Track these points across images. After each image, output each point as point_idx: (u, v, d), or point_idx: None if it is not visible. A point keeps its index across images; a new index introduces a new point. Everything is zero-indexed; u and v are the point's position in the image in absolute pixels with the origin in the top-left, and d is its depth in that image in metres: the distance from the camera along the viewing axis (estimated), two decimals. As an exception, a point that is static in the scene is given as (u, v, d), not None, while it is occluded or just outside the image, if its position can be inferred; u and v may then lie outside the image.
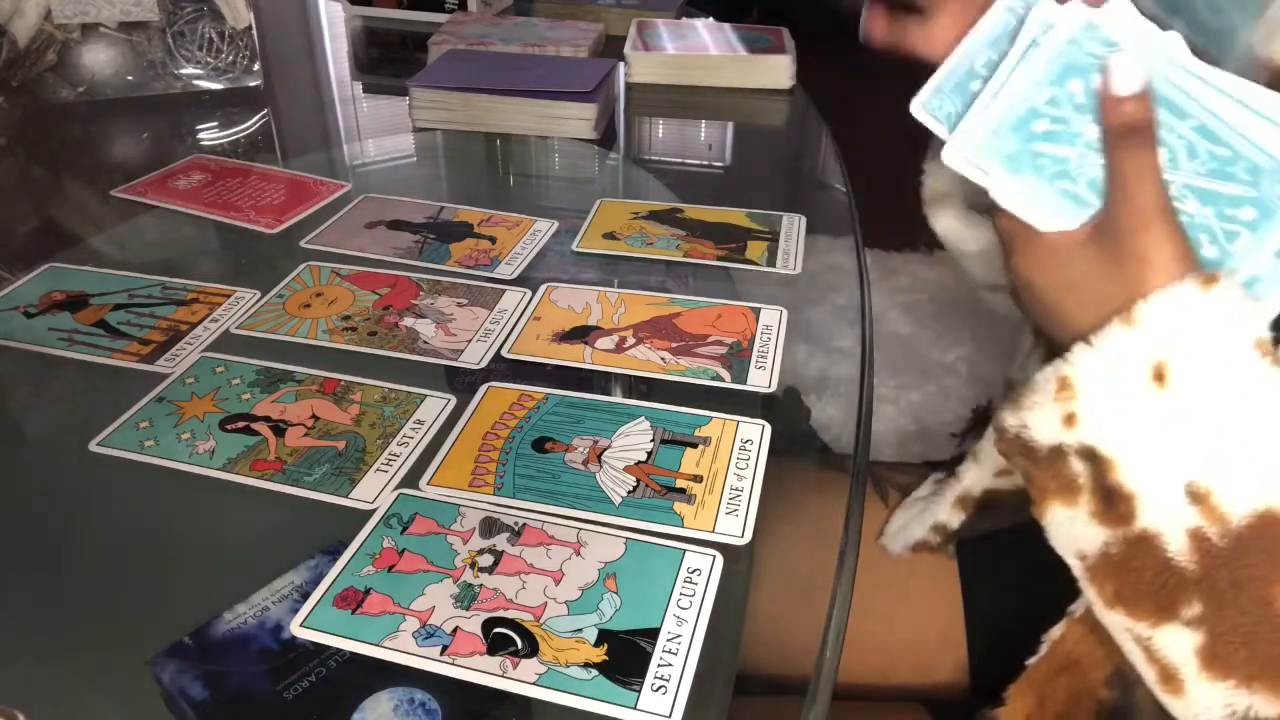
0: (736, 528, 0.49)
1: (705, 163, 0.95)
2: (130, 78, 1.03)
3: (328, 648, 0.43)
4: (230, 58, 1.06)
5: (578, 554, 0.48)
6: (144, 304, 0.68)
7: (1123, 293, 0.39)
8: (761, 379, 0.61)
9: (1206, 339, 0.38)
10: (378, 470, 0.53)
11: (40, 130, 0.99)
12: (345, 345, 0.64)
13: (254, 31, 1.06)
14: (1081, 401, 0.40)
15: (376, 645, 0.43)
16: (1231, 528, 0.38)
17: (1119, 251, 0.40)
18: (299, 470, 0.53)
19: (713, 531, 0.49)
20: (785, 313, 0.67)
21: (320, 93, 1.20)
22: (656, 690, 0.41)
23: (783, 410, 0.60)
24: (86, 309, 0.67)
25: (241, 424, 0.57)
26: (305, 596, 0.45)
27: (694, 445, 0.55)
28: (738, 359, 0.62)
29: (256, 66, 1.07)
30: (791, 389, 0.62)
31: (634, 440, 0.56)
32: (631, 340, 0.64)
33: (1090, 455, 0.40)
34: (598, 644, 0.43)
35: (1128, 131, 0.40)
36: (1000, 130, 0.42)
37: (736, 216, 0.81)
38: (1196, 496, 0.38)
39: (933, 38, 0.51)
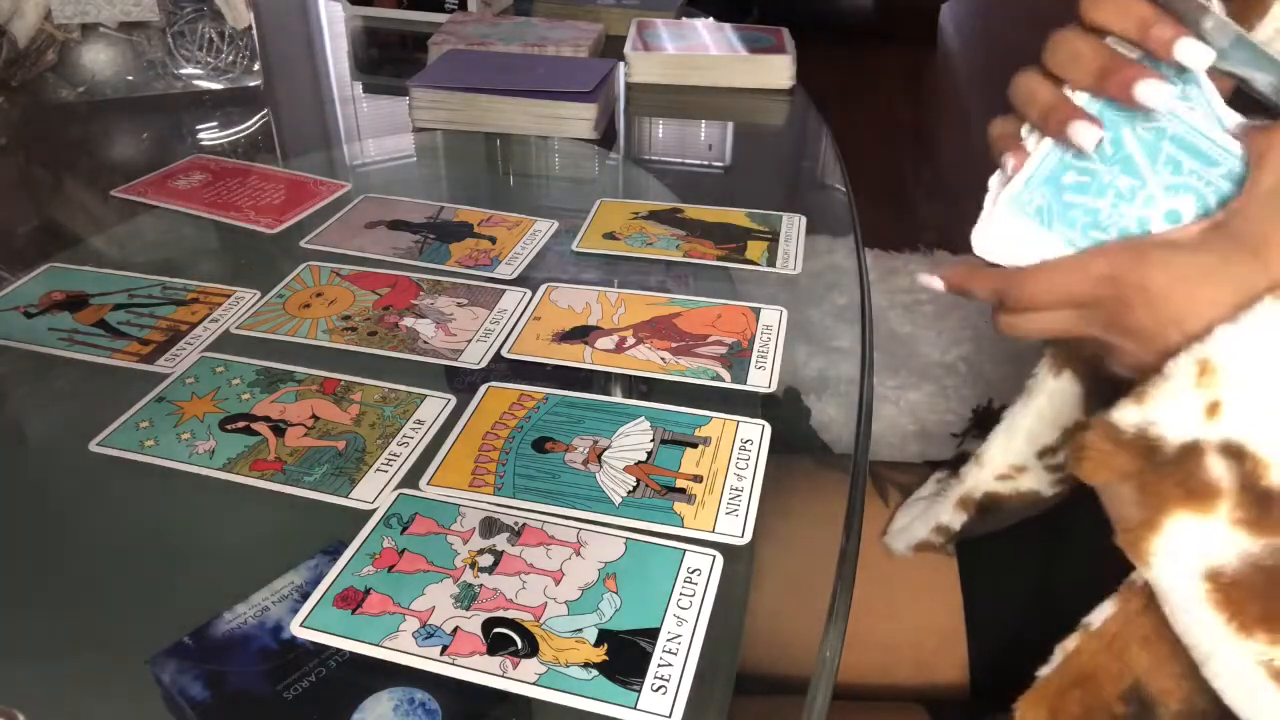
0: (736, 528, 0.49)
1: (705, 163, 0.95)
2: (130, 78, 1.03)
3: (328, 648, 0.43)
4: (230, 58, 1.06)
5: (578, 554, 0.48)
6: (144, 304, 0.68)
7: (1264, 281, 0.36)
8: (761, 379, 0.61)
9: None
10: (378, 470, 0.53)
11: (40, 130, 0.99)
12: (345, 345, 0.64)
13: (254, 31, 1.06)
14: (1227, 388, 0.36)
15: (376, 645, 0.43)
16: None
17: (1257, 241, 0.37)
18: (299, 470, 0.53)
19: (713, 531, 0.49)
20: (785, 313, 0.67)
21: (320, 93, 1.20)
22: (656, 690, 0.41)
23: (783, 410, 0.60)
24: (86, 309, 0.67)
25: (241, 424, 0.57)
26: (305, 596, 0.45)
27: (694, 445, 0.55)
28: (738, 359, 0.62)
29: (256, 66, 1.07)
30: (791, 389, 0.62)
31: (634, 440, 0.56)
32: (631, 340, 0.64)
33: (1238, 453, 0.36)
34: (598, 644, 0.43)
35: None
36: (1033, 183, 0.42)
37: (737, 216, 0.81)
38: None
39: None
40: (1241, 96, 0.44)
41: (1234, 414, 0.36)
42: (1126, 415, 0.38)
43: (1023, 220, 0.42)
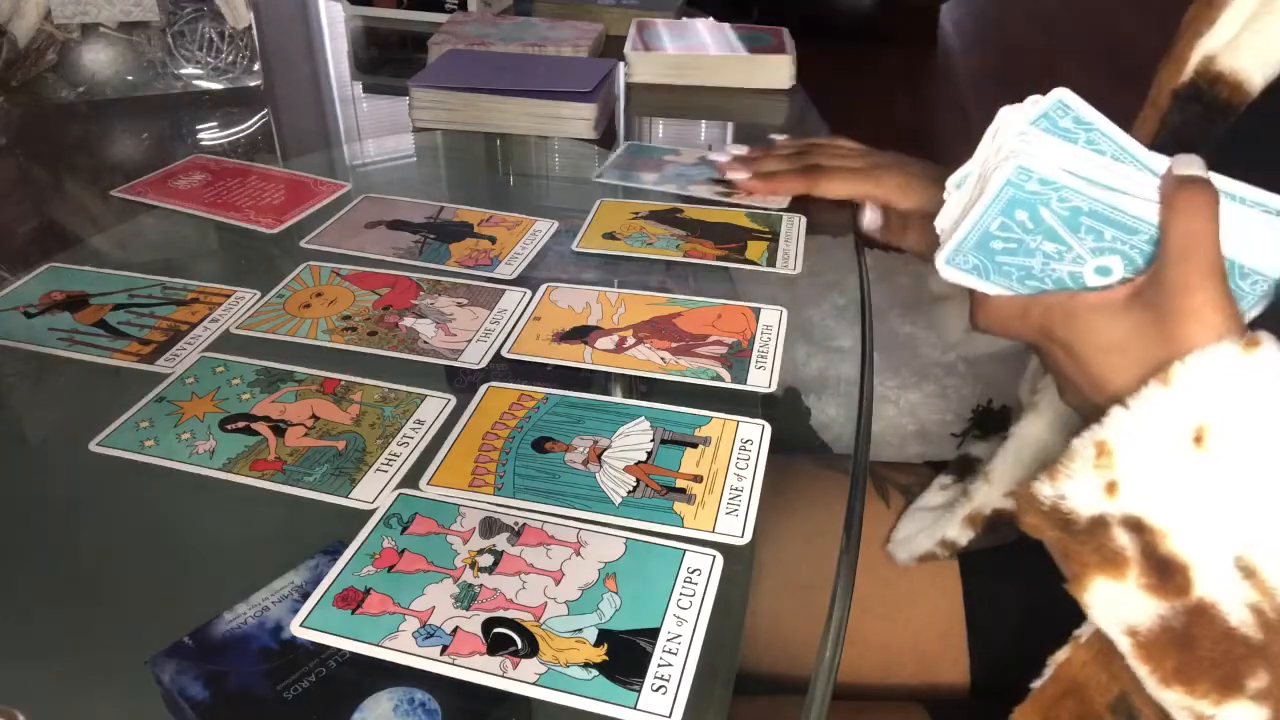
0: (736, 528, 0.49)
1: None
2: (130, 78, 1.03)
3: (328, 648, 0.43)
4: (230, 58, 1.06)
5: (578, 554, 0.48)
6: (144, 304, 0.68)
7: (1166, 354, 0.38)
8: (761, 379, 0.61)
9: (1247, 402, 0.37)
10: (378, 470, 0.53)
11: (40, 130, 0.99)
12: (345, 345, 0.64)
13: (254, 31, 1.06)
14: (1122, 468, 0.38)
15: (376, 645, 0.43)
16: None
17: (1164, 312, 0.39)
18: (299, 470, 0.53)
19: (713, 531, 0.49)
20: (785, 313, 0.67)
21: (320, 93, 1.20)
22: (656, 690, 0.41)
23: (783, 410, 0.60)
24: (86, 309, 0.67)
25: (241, 424, 0.57)
26: (305, 596, 0.45)
27: (694, 445, 0.55)
28: (738, 359, 0.62)
29: (256, 66, 1.07)
30: (791, 389, 0.63)
31: (634, 440, 0.56)
32: (631, 340, 0.64)
33: (1136, 525, 0.39)
34: (598, 644, 0.43)
35: (1189, 196, 0.39)
36: (964, 249, 0.44)
37: (736, 216, 0.81)
38: (1247, 571, 0.36)
39: None
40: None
41: (1130, 492, 0.38)
42: (1042, 489, 0.41)
43: (962, 274, 0.45)
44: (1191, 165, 0.39)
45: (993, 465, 0.61)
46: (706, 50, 1.13)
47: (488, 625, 0.44)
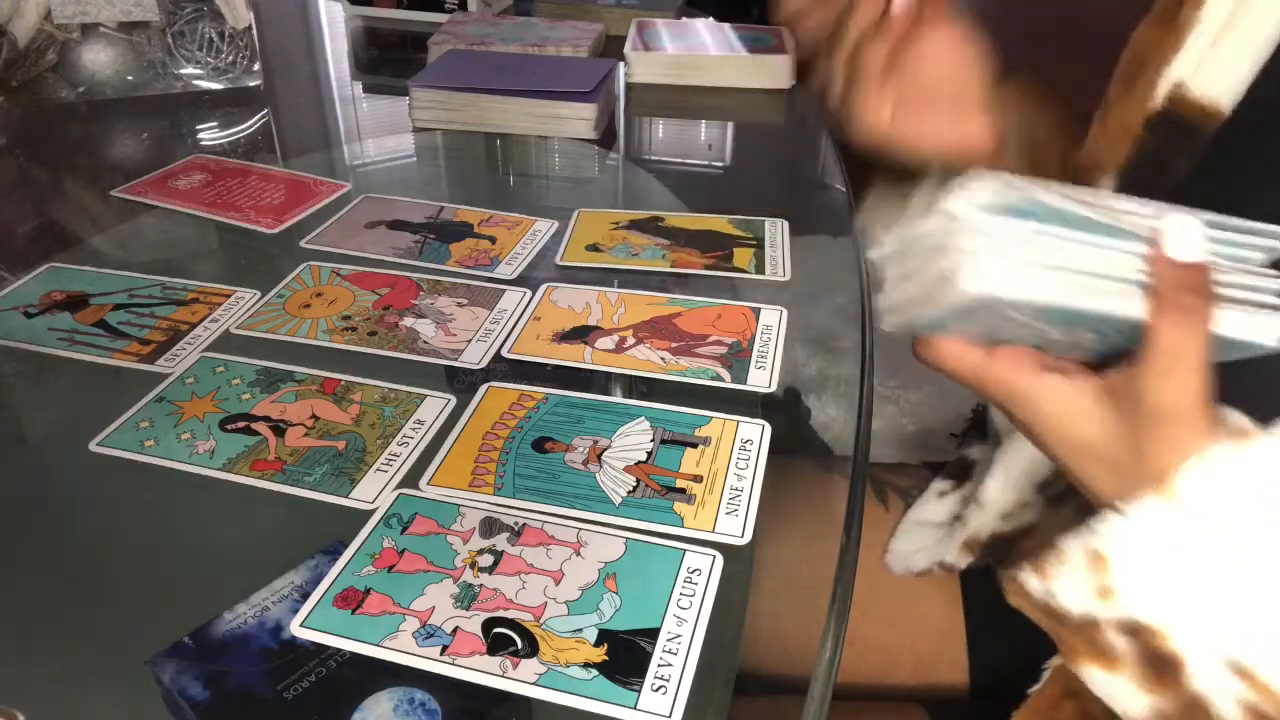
0: (736, 528, 0.49)
1: (705, 163, 0.95)
2: (130, 78, 1.03)
3: (328, 648, 0.43)
4: (230, 58, 1.06)
5: (578, 554, 0.48)
6: (144, 304, 0.68)
7: (1150, 458, 0.37)
8: (761, 379, 0.61)
9: (1248, 502, 0.36)
10: (378, 470, 0.53)
11: (40, 130, 0.99)
12: (345, 345, 0.64)
13: (254, 31, 1.06)
14: (1118, 576, 0.38)
15: (376, 645, 0.43)
16: None
17: (1139, 426, 0.37)
18: (299, 470, 0.53)
19: (713, 531, 0.49)
20: (785, 313, 0.67)
21: (320, 93, 1.20)
22: (656, 690, 0.41)
23: (783, 410, 0.60)
24: (86, 309, 0.67)
25: (241, 424, 0.57)
26: (305, 596, 0.45)
27: (694, 445, 0.55)
28: (738, 359, 0.62)
29: (256, 66, 1.07)
30: (791, 389, 0.62)
31: (634, 440, 0.56)
32: (631, 340, 0.64)
33: (1132, 628, 0.38)
34: (598, 644, 0.43)
35: (1182, 301, 0.35)
36: (916, 326, 0.41)
37: (719, 223, 0.80)
38: (1241, 673, 0.36)
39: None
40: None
41: (1127, 597, 0.38)
42: (1030, 583, 0.40)
43: (921, 328, 0.42)
44: (1187, 240, 0.35)
45: (984, 490, 0.61)
46: (706, 50, 1.13)
47: (488, 625, 0.44)
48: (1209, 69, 0.47)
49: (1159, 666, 0.38)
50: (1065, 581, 0.39)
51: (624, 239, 0.78)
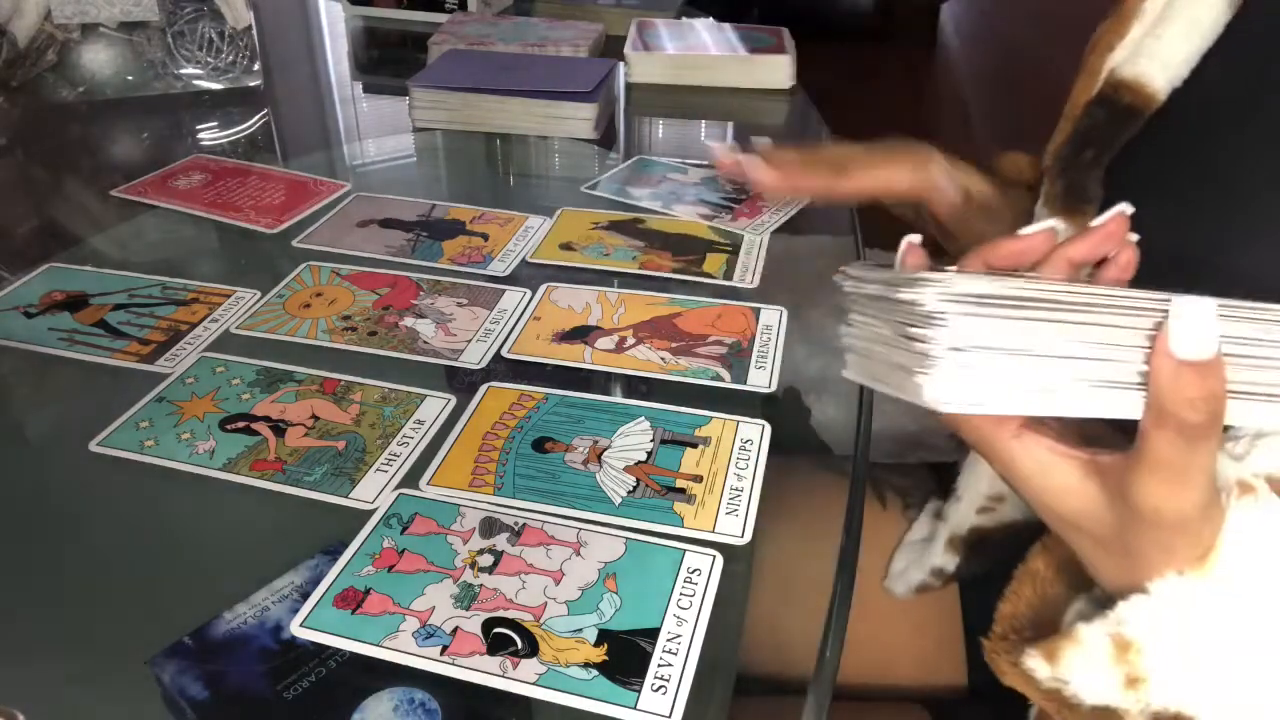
0: (736, 528, 0.49)
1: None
2: (130, 78, 1.03)
3: (328, 648, 0.43)
4: (230, 58, 1.06)
5: (578, 554, 0.48)
6: (144, 304, 0.68)
7: (1140, 556, 0.34)
8: (761, 379, 0.61)
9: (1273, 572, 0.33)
10: (378, 470, 0.53)
11: (40, 130, 0.99)
12: (345, 345, 0.64)
13: (254, 31, 1.06)
14: (1149, 661, 0.34)
15: (376, 645, 0.43)
16: None
17: (1133, 515, 0.33)
18: (299, 470, 0.53)
19: (713, 531, 0.49)
20: (785, 313, 0.67)
21: (320, 93, 1.20)
22: (656, 690, 0.41)
23: (783, 410, 0.60)
24: (86, 309, 0.67)
25: (241, 424, 0.57)
26: (305, 596, 0.45)
27: (694, 445, 0.55)
28: (738, 359, 0.62)
29: (256, 66, 1.07)
30: (791, 389, 0.62)
31: (634, 440, 0.56)
32: (631, 340, 0.64)
33: (1164, 715, 0.35)
34: (598, 644, 0.43)
35: (1179, 413, 0.30)
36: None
37: (698, 228, 0.80)
38: None
39: None
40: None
41: (1162, 689, 0.34)
42: (1038, 669, 0.37)
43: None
44: (1197, 332, 0.30)
45: (960, 482, 0.61)
46: (706, 50, 1.13)
47: (488, 625, 0.44)
48: (1143, 50, 0.48)
49: None
50: (1083, 671, 0.35)
51: (599, 239, 0.78)
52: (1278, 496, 0.33)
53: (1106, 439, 0.36)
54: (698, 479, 0.53)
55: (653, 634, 0.43)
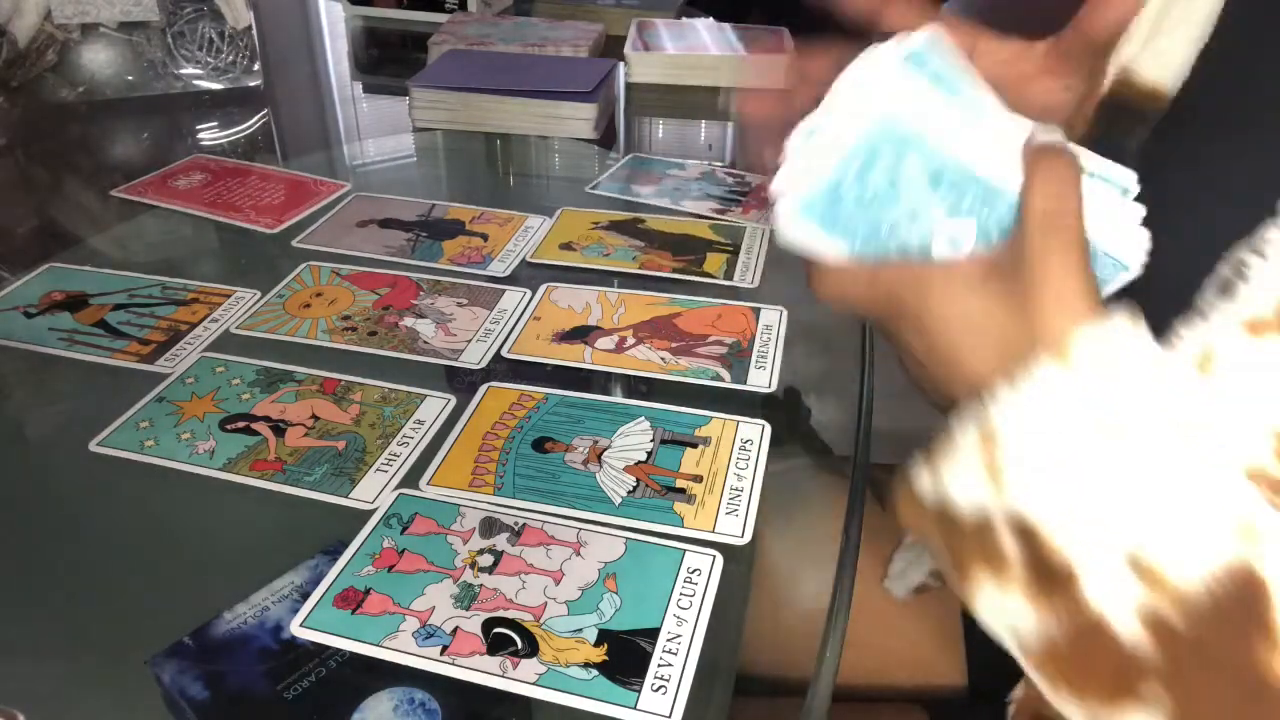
0: (736, 528, 0.49)
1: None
2: (130, 78, 1.03)
3: (328, 648, 0.43)
4: (230, 58, 1.06)
5: (578, 554, 0.48)
6: (144, 304, 0.68)
7: (1024, 337, 0.35)
8: (761, 379, 0.61)
9: (1146, 380, 0.34)
10: (378, 470, 0.53)
11: (40, 130, 0.99)
12: (345, 345, 0.64)
13: (254, 31, 1.06)
14: (1006, 454, 0.35)
15: (376, 645, 0.43)
16: (1188, 602, 0.33)
17: (1022, 290, 0.36)
18: (299, 470, 0.53)
19: (713, 531, 0.49)
20: (785, 312, 0.67)
21: (320, 93, 1.20)
22: (656, 690, 0.41)
23: (783, 410, 0.60)
24: (86, 309, 0.67)
25: (241, 424, 0.57)
26: (305, 596, 0.45)
27: (694, 445, 0.55)
28: (738, 359, 0.62)
29: (256, 66, 1.07)
30: (791, 389, 0.62)
31: (634, 440, 0.56)
32: (631, 340, 0.64)
33: (1019, 524, 0.35)
34: (598, 644, 0.43)
35: (1052, 165, 0.36)
36: (813, 199, 0.40)
37: (699, 228, 0.80)
38: (1141, 570, 0.33)
39: None
40: None
41: (1015, 482, 0.35)
42: (923, 483, 0.38)
43: (805, 223, 0.40)
44: (1053, 134, 0.37)
45: None
46: (706, 50, 1.13)
47: (488, 625, 0.44)
48: (1151, 51, 0.47)
49: (1049, 578, 0.35)
50: (958, 470, 0.37)
51: (600, 239, 0.78)
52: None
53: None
54: (698, 479, 0.53)
55: (653, 634, 0.43)
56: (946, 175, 0.38)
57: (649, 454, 0.55)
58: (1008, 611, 0.37)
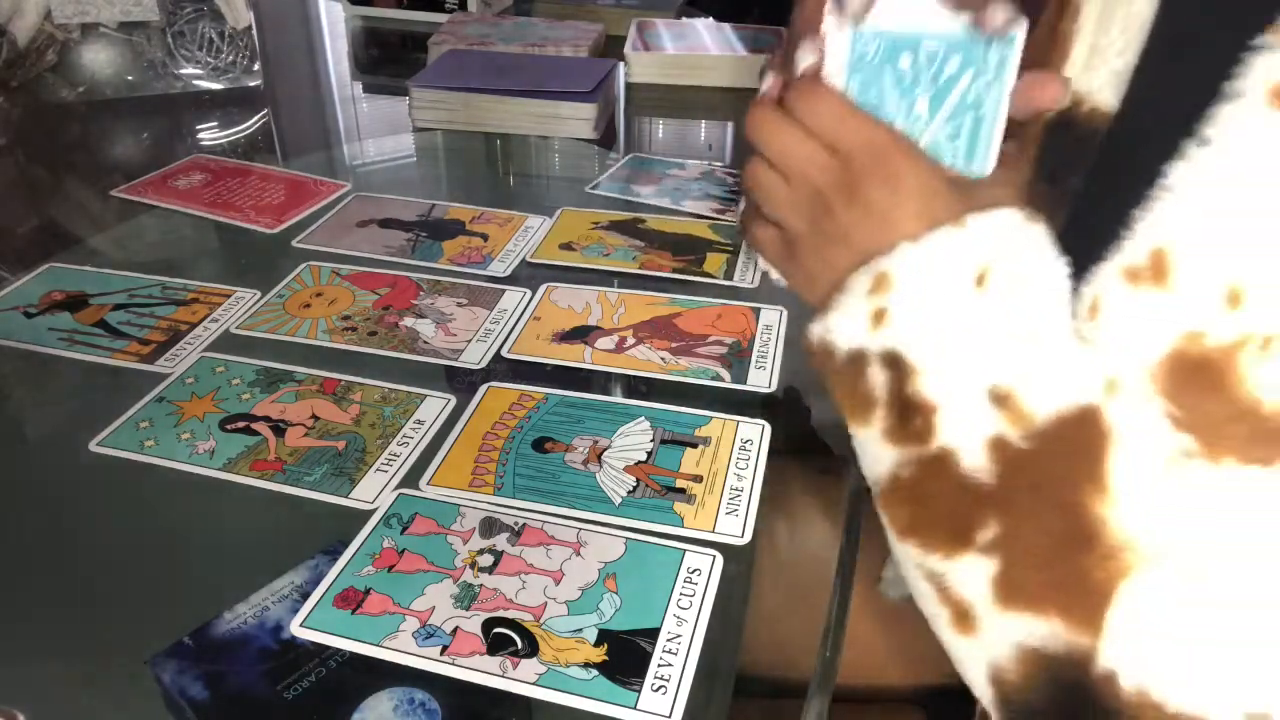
0: (736, 528, 0.50)
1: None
2: (130, 78, 1.03)
3: (328, 648, 0.43)
4: (230, 58, 1.06)
5: (578, 554, 0.48)
6: (144, 304, 0.68)
7: (873, 233, 0.40)
8: (761, 379, 0.61)
9: (1028, 256, 0.39)
10: (378, 470, 0.53)
11: (40, 130, 0.99)
12: (345, 345, 0.64)
13: (254, 31, 1.06)
14: (896, 297, 0.39)
15: (376, 645, 0.43)
16: (1035, 427, 0.37)
17: (856, 196, 0.41)
18: (299, 470, 0.53)
19: (713, 531, 0.49)
20: (785, 312, 0.67)
21: (320, 93, 1.20)
22: (656, 690, 0.41)
23: (783, 410, 0.60)
24: (86, 309, 0.67)
25: (241, 424, 0.57)
26: (305, 596, 0.45)
27: (694, 445, 0.55)
28: (738, 359, 0.62)
29: (256, 66, 1.07)
30: (791, 389, 0.62)
31: (634, 440, 0.56)
32: (631, 340, 0.64)
33: (893, 361, 0.39)
34: (598, 644, 0.43)
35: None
36: (877, 39, 0.43)
37: (699, 228, 0.80)
38: (999, 399, 0.37)
39: None
40: None
41: (897, 322, 0.39)
42: (814, 328, 0.42)
43: (845, 53, 0.43)
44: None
45: None
46: (706, 50, 1.13)
47: (488, 625, 0.44)
48: (1091, 70, 0.47)
49: (905, 414, 0.39)
50: (844, 312, 0.40)
51: (600, 239, 0.78)
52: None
53: None
54: (698, 479, 0.53)
55: (653, 634, 0.43)
56: (952, 100, 0.42)
57: (649, 454, 0.55)
58: (868, 450, 0.41)
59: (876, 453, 0.41)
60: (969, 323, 0.38)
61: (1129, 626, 0.35)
